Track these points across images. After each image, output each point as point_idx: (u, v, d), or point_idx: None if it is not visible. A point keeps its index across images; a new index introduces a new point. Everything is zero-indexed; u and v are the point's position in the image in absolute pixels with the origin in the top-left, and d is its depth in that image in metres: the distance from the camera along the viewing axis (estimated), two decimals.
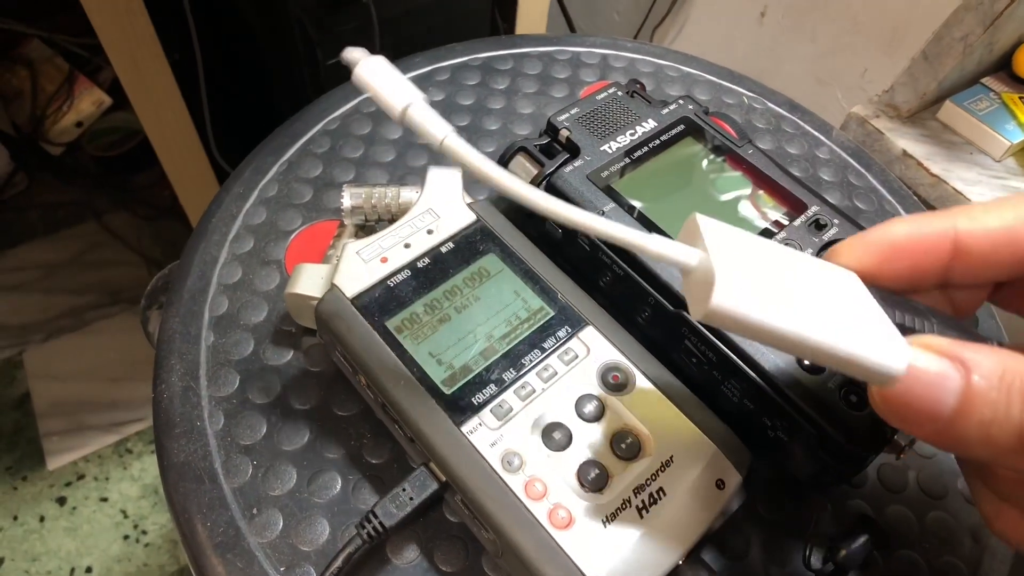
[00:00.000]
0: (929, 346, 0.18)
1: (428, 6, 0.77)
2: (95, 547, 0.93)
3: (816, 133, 0.45)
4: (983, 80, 0.67)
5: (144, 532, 0.95)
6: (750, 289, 0.17)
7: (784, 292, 0.18)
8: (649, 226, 0.31)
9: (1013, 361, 0.17)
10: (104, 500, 0.97)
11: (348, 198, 0.33)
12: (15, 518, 0.94)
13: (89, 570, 0.91)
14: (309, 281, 0.29)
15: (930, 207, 0.59)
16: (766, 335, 0.17)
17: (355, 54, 0.21)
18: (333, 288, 0.28)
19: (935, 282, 0.22)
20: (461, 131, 0.42)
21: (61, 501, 0.96)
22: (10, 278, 1.17)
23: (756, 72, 0.51)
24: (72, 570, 0.91)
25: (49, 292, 1.16)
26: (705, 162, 0.34)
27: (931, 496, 0.31)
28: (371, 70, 0.20)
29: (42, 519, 0.95)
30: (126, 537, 0.94)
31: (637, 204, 0.31)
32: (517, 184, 0.19)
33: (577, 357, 0.27)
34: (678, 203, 0.32)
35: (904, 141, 0.62)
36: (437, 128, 0.20)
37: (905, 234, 0.21)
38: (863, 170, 0.43)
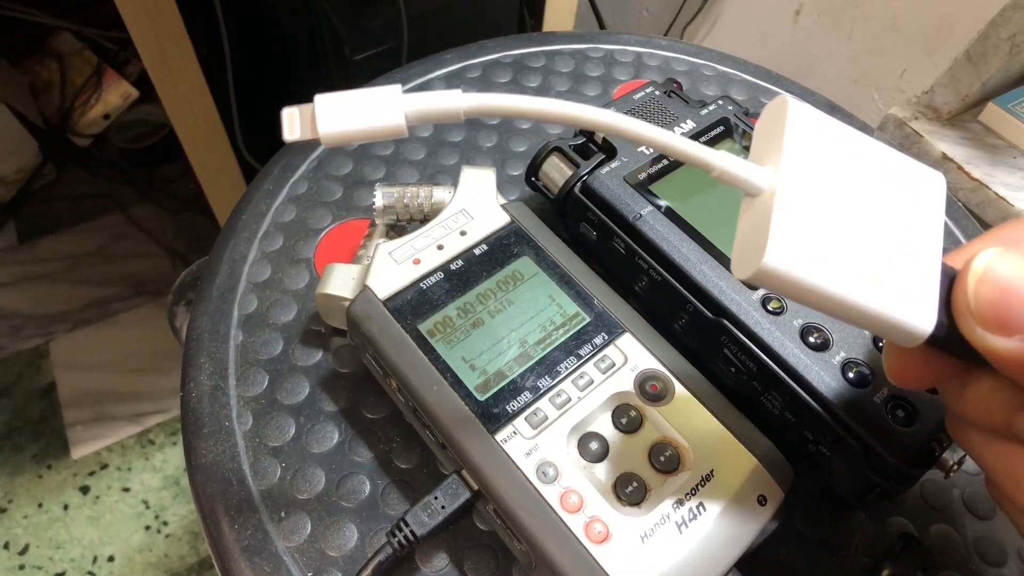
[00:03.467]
0: None
1: (456, 1, 0.76)
2: (117, 536, 0.94)
3: None
4: None
5: (165, 523, 0.95)
6: (807, 245, 0.16)
7: (841, 238, 0.16)
8: (687, 230, 0.30)
9: None
10: (126, 490, 0.98)
11: (380, 197, 0.32)
12: (40, 505, 0.96)
13: (111, 559, 0.92)
14: (340, 281, 0.29)
15: (970, 212, 0.58)
16: (806, 296, 0.16)
17: (296, 120, 0.16)
18: (365, 289, 0.27)
19: None
20: (492, 129, 0.41)
21: (84, 490, 0.98)
22: (37, 268, 1.18)
23: (789, 71, 0.50)
24: (95, 558, 0.92)
25: (75, 283, 1.17)
26: None
27: (976, 515, 0.30)
28: (330, 116, 0.16)
29: (66, 507, 0.96)
30: (147, 528, 0.95)
31: (675, 207, 0.30)
32: (552, 104, 0.17)
33: (614, 365, 0.26)
34: (717, 206, 0.31)
35: (944, 144, 0.61)
36: (448, 100, 0.17)
37: None
38: None
